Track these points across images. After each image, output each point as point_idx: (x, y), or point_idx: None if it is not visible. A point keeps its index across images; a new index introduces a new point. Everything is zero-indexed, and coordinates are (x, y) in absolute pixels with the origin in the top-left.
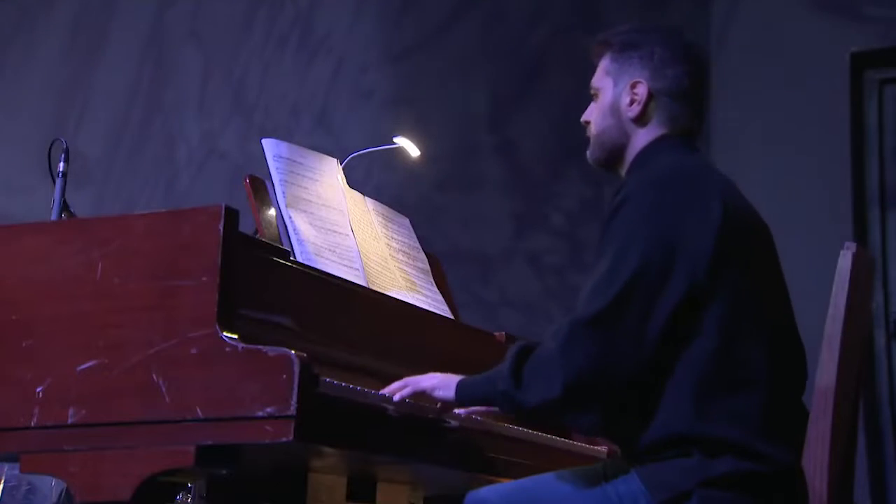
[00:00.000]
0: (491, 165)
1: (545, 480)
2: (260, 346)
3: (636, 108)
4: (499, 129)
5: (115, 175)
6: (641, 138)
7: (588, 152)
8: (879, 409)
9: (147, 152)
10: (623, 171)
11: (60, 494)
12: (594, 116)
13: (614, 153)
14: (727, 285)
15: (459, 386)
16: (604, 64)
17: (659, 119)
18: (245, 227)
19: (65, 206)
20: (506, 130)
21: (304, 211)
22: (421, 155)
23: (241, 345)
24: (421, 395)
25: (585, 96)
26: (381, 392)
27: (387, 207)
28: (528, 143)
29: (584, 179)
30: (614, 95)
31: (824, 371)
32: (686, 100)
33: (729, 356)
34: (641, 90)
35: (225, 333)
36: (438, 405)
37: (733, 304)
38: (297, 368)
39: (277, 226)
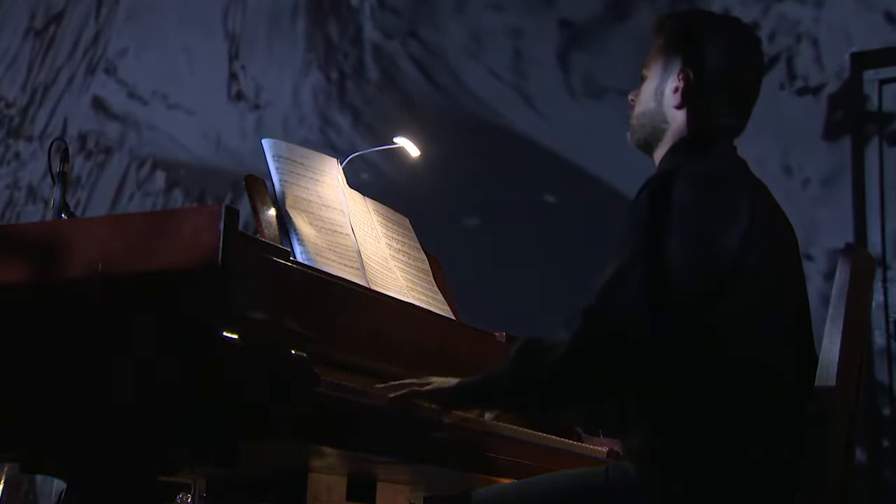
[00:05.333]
0: None
1: (546, 481)
2: (260, 346)
3: (678, 97)
4: None
5: None
6: (681, 128)
7: (628, 132)
8: (879, 410)
9: None
10: (658, 157)
11: (60, 494)
12: (639, 97)
13: (652, 137)
14: (747, 291)
15: (458, 388)
16: (657, 46)
17: (701, 111)
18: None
19: (65, 206)
20: None
21: (304, 211)
22: None
23: (241, 345)
24: (418, 397)
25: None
26: (378, 387)
27: (387, 207)
28: None
29: None
30: (660, 80)
31: (824, 371)
32: (732, 96)
33: (744, 363)
34: (687, 79)
35: (225, 333)
36: (435, 407)
37: (751, 311)
38: (297, 368)
39: (277, 226)
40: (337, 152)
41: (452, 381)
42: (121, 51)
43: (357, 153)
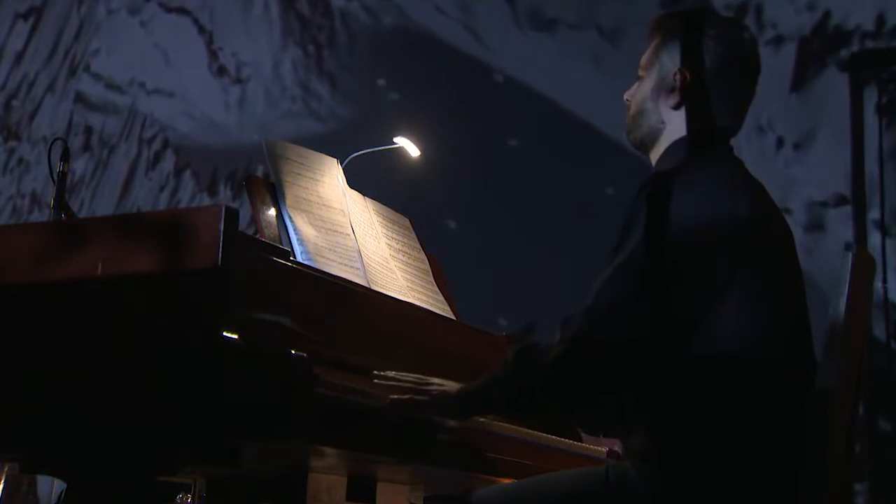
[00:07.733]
0: None
1: (547, 481)
2: (259, 347)
3: (676, 97)
4: None
5: None
6: (677, 128)
7: (626, 132)
8: (879, 410)
9: None
10: (655, 157)
11: (60, 494)
12: (635, 97)
13: (649, 137)
14: (745, 292)
15: (458, 400)
16: (653, 46)
17: (697, 111)
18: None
19: (65, 206)
20: None
21: (305, 211)
22: None
23: (241, 345)
24: (419, 410)
25: None
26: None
27: (387, 208)
28: None
29: None
30: (657, 80)
31: (824, 372)
32: (728, 96)
33: (743, 363)
34: (683, 79)
35: (225, 333)
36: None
37: (750, 312)
38: (297, 368)
39: (277, 226)
40: (319, 120)
41: (452, 386)
42: (94, 50)
43: (357, 153)
